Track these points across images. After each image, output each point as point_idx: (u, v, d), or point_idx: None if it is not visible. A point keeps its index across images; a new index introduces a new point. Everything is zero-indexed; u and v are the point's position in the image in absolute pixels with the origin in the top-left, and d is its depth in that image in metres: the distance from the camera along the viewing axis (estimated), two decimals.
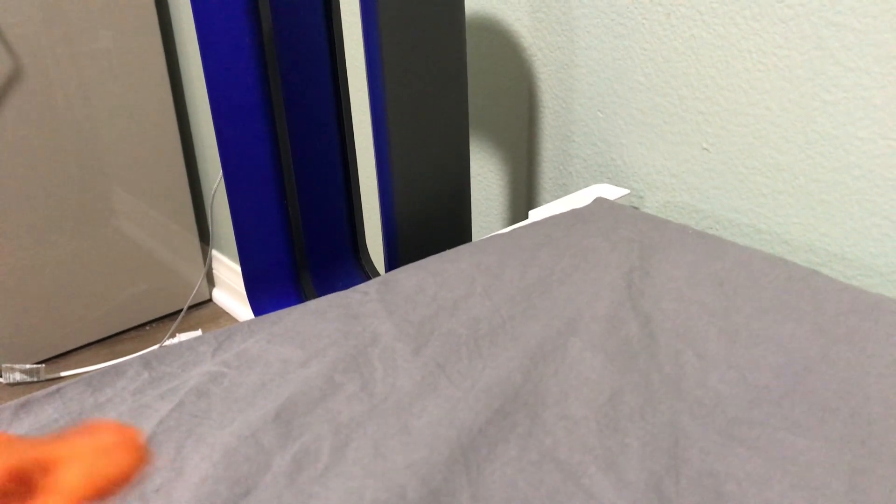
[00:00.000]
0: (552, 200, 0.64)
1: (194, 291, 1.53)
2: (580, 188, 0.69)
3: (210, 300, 1.62)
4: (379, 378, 0.39)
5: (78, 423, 0.21)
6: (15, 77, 1.21)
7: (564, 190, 0.75)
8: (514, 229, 0.56)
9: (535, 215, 0.61)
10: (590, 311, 0.45)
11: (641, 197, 0.68)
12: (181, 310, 1.53)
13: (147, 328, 1.51)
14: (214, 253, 1.59)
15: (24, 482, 0.18)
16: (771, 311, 0.44)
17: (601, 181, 0.70)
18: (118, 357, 1.48)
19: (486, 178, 0.84)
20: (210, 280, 1.62)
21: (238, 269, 1.47)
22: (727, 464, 0.34)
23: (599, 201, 0.60)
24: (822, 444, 0.35)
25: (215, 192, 1.47)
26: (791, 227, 0.57)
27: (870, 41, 0.49)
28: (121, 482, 0.20)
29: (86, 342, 1.44)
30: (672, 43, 0.61)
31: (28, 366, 1.33)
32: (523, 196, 0.80)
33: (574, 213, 0.58)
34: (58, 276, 1.36)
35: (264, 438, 0.34)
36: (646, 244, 0.52)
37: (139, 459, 0.20)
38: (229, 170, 0.68)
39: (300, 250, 0.71)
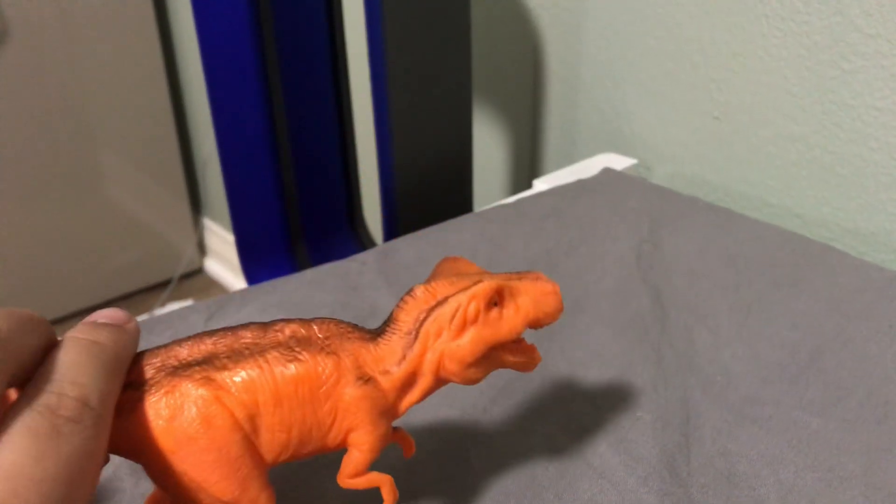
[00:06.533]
0: (557, 170, 0.62)
1: (185, 260, 1.51)
2: (586, 157, 0.68)
3: (201, 270, 1.60)
4: None
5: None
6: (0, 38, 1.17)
7: (570, 159, 0.73)
8: (519, 199, 0.54)
9: (540, 185, 0.59)
10: (597, 284, 0.44)
11: (649, 167, 0.66)
12: (171, 279, 1.51)
13: (136, 297, 1.49)
14: (206, 221, 1.56)
15: (501, 296, 0.25)
16: (784, 287, 0.43)
17: (608, 150, 0.68)
18: None
19: (489, 145, 0.82)
20: (201, 249, 1.60)
21: (230, 238, 1.45)
22: (740, 443, 0.33)
23: (606, 171, 0.58)
24: (838, 423, 0.34)
25: (208, 158, 1.44)
26: (804, 201, 0.56)
27: (892, 7, 0.47)
28: (550, 319, 0.26)
29: (73, 310, 1.42)
30: (686, 6, 0.59)
31: None
32: (527, 165, 0.78)
33: (580, 184, 0.56)
34: (45, 243, 1.34)
35: None
36: (655, 216, 0.51)
37: (560, 308, 0.26)
38: (223, 135, 0.66)
39: (295, 219, 0.70)
